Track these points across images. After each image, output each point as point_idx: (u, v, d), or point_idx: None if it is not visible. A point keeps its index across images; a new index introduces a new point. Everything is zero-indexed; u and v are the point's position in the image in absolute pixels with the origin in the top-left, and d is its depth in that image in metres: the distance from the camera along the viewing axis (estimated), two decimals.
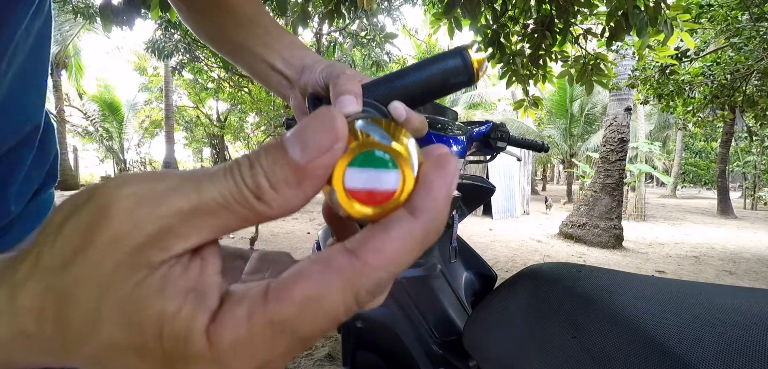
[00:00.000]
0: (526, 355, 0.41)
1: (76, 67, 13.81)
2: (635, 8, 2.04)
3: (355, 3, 2.48)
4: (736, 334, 0.28)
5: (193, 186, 0.12)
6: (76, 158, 13.26)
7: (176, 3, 0.45)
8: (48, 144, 0.41)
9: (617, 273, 0.44)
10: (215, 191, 0.12)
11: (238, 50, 0.41)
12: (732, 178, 20.57)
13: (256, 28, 0.40)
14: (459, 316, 0.84)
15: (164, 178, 0.12)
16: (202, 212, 0.12)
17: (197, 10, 0.44)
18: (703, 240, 6.76)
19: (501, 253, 4.90)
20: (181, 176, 0.12)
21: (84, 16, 6.49)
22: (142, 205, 0.11)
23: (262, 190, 0.12)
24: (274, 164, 0.12)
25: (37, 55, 0.36)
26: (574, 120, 14.88)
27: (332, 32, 7.86)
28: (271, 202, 0.12)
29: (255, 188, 0.12)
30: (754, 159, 15.71)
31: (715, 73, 5.30)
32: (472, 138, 0.89)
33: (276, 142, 0.12)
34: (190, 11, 0.44)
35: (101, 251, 0.11)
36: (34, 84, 0.37)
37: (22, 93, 0.35)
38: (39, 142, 0.39)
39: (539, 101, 3.12)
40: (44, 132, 0.40)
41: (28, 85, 0.36)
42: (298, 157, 0.12)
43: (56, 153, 0.43)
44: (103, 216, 0.11)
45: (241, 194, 0.12)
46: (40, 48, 0.36)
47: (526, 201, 9.67)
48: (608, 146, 6.04)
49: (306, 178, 0.12)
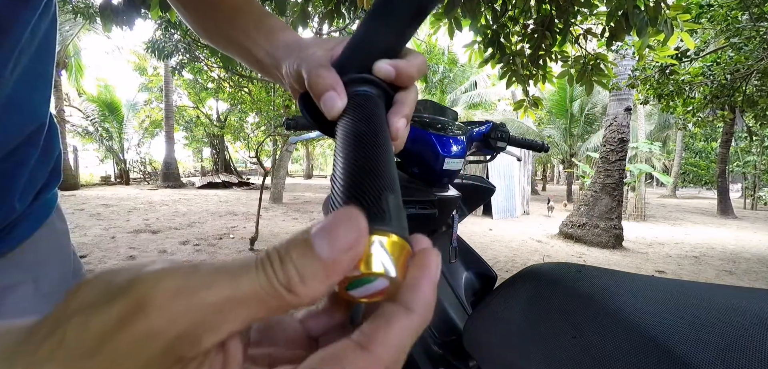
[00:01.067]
0: (526, 355, 0.41)
1: (76, 67, 13.81)
2: (635, 8, 2.04)
3: (355, 3, 2.48)
4: (736, 334, 0.28)
5: (226, 279, 0.12)
6: (76, 158, 13.24)
7: (174, 2, 0.45)
8: (52, 143, 0.41)
9: (617, 273, 0.44)
10: (248, 284, 0.12)
11: (231, 45, 0.41)
12: (732, 178, 20.55)
13: (241, 20, 0.39)
14: (459, 316, 0.84)
15: (198, 271, 0.12)
16: (235, 304, 0.12)
17: (192, 8, 0.43)
18: (703, 240, 6.76)
19: (501, 253, 4.90)
20: (214, 269, 0.13)
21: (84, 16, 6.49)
22: (178, 299, 0.12)
23: (293, 283, 0.13)
24: (303, 259, 0.13)
25: (42, 55, 0.36)
26: (574, 120, 14.88)
27: (332, 32, 7.86)
28: (300, 294, 0.13)
29: (286, 282, 0.13)
30: (754, 159, 15.71)
31: (715, 73, 5.30)
32: (472, 138, 0.89)
33: (303, 237, 0.13)
34: (187, 10, 0.44)
35: (134, 344, 0.11)
36: (39, 83, 0.37)
37: (28, 92, 0.35)
38: (43, 141, 0.39)
39: (539, 101, 3.12)
40: (48, 131, 0.40)
41: (34, 84, 0.36)
42: (326, 254, 0.13)
43: (60, 152, 0.44)
44: (140, 309, 0.11)
45: (272, 287, 0.13)
46: (46, 48, 0.37)
47: (526, 201, 9.67)
48: (608, 146, 6.04)
49: (333, 273, 0.13)
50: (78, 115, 15.14)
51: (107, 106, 15.11)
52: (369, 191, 0.18)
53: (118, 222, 5.74)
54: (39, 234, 0.41)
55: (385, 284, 0.15)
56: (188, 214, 6.88)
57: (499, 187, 8.32)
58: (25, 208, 0.38)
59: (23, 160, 0.36)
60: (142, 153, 17.02)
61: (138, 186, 13.42)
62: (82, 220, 5.78)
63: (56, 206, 0.45)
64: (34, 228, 0.41)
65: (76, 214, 6.32)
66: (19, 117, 0.34)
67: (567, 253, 5.15)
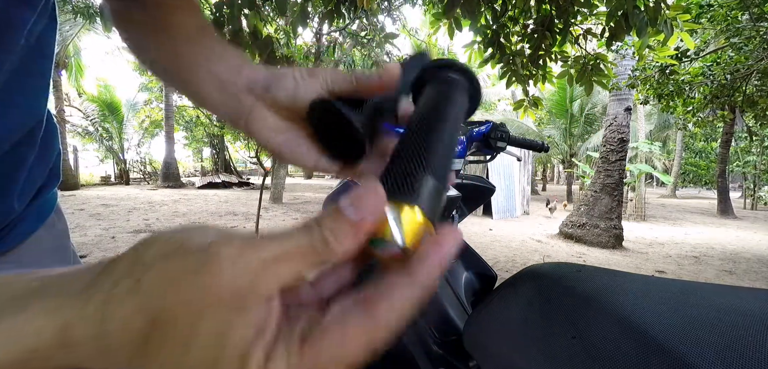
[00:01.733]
0: (526, 355, 0.41)
1: (76, 67, 13.81)
2: (635, 8, 2.04)
3: (355, 3, 2.48)
4: (736, 334, 0.28)
5: (277, 241, 0.16)
6: (76, 158, 13.25)
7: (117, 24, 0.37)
8: (50, 143, 0.41)
9: (617, 273, 0.44)
10: (293, 243, 0.16)
11: (180, 79, 0.34)
12: (732, 178, 20.57)
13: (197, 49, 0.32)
14: (459, 316, 0.84)
15: (254, 237, 0.16)
16: (284, 259, 0.15)
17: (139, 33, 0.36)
18: (703, 240, 6.76)
19: (501, 253, 4.91)
20: (267, 236, 0.16)
21: (84, 16, 6.49)
22: (242, 254, 0.15)
23: (329, 240, 0.16)
24: (335, 222, 0.16)
25: (40, 56, 0.36)
26: (574, 120, 14.87)
27: (332, 32, 7.86)
28: (334, 248, 0.16)
29: (323, 240, 0.16)
30: (754, 159, 15.71)
31: (715, 73, 5.29)
32: (472, 138, 0.89)
33: (334, 207, 0.17)
34: (128, 33, 0.37)
35: (205, 289, 0.14)
36: (36, 84, 0.37)
37: (24, 92, 0.35)
38: (41, 141, 0.39)
39: (539, 101, 3.12)
40: (46, 131, 0.40)
41: (31, 84, 0.36)
42: (353, 216, 0.16)
43: (59, 152, 0.44)
44: (213, 260, 0.14)
45: (312, 245, 0.16)
46: (44, 48, 0.37)
47: (526, 201, 9.67)
48: (608, 146, 6.04)
49: (359, 231, 0.16)
50: (78, 115, 15.14)
51: (107, 106, 15.11)
52: (409, 170, 0.20)
53: (118, 222, 5.74)
54: (39, 233, 0.41)
55: (396, 249, 0.17)
56: (188, 214, 6.88)
57: (499, 187, 8.32)
58: (25, 207, 0.38)
59: (20, 160, 0.36)
60: (142, 153, 17.03)
61: (138, 186, 13.42)
62: (82, 220, 5.78)
63: (56, 206, 0.45)
64: (34, 227, 0.41)
65: (76, 214, 6.32)
66: (15, 116, 0.34)
67: (567, 253, 5.15)
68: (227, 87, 0.31)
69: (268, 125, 0.30)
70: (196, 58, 0.32)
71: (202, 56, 0.32)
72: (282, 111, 0.29)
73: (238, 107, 0.31)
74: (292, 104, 0.29)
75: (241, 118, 0.31)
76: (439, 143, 0.22)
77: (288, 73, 0.29)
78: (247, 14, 2.15)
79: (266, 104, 0.30)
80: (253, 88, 0.30)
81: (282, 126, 0.30)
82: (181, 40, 0.33)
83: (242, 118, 0.30)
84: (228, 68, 0.31)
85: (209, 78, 0.31)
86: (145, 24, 0.35)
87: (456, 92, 0.27)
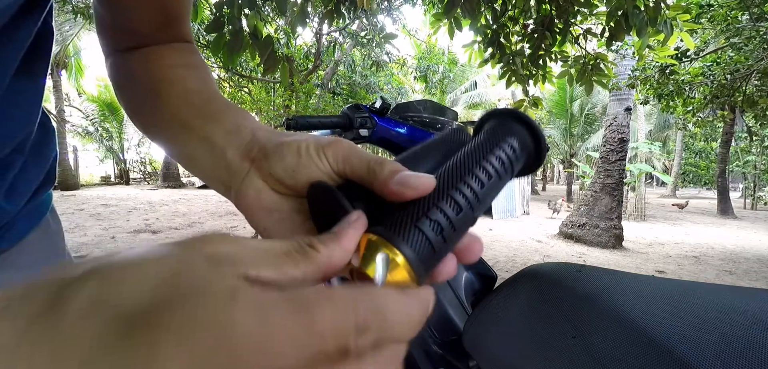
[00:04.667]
0: (526, 355, 0.41)
1: (76, 67, 13.81)
2: (635, 8, 2.04)
3: (355, 3, 2.48)
4: (736, 334, 0.28)
5: (269, 242, 0.17)
6: (76, 158, 13.26)
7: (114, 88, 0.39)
8: (47, 146, 0.41)
9: (617, 273, 0.44)
10: (280, 246, 0.17)
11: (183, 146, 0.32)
12: (732, 178, 20.56)
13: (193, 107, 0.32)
14: (459, 316, 0.84)
15: (248, 239, 0.17)
16: (271, 254, 0.17)
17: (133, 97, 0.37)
18: (703, 240, 6.76)
19: (501, 253, 4.91)
20: (262, 240, 0.18)
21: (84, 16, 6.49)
22: (236, 244, 0.16)
23: (314, 242, 0.18)
24: (322, 236, 0.19)
25: (29, 71, 0.36)
26: (574, 120, 14.88)
27: (332, 32, 7.86)
28: (319, 250, 0.18)
29: (308, 241, 0.18)
30: (754, 159, 15.70)
31: (715, 73, 5.30)
32: None
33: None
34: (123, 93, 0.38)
35: (208, 263, 0.15)
36: (25, 98, 0.36)
37: (14, 106, 0.35)
38: (35, 146, 0.39)
39: (539, 101, 3.12)
40: (44, 134, 0.40)
41: (19, 98, 0.36)
42: (336, 229, 0.19)
43: (56, 155, 0.44)
44: (219, 242, 0.16)
45: (299, 245, 0.18)
46: (34, 61, 0.36)
47: (526, 201, 9.68)
48: (608, 146, 6.04)
49: (342, 239, 0.19)
50: (78, 115, 15.14)
51: (107, 106, 15.10)
52: (418, 215, 0.20)
53: (118, 222, 5.75)
54: (34, 235, 0.41)
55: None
56: (188, 214, 6.89)
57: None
58: (20, 209, 0.38)
59: (9, 165, 0.36)
60: (142, 153, 17.02)
61: (138, 186, 13.43)
62: (82, 220, 5.78)
63: (51, 207, 0.46)
64: (29, 229, 0.41)
65: (76, 214, 6.32)
66: (4, 131, 0.34)
67: (567, 253, 5.15)
68: (218, 151, 0.28)
69: (260, 201, 0.26)
70: (192, 121, 0.30)
71: (199, 118, 0.30)
72: (278, 185, 0.26)
73: (228, 177, 0.28)
74: (291, 181, 0.25)
75: (232, 189, 0.28)
76: (461, 195, 0.21)
77: (292, 146, 0.26)
78: (247, 14, 2.15)
79: (262, 174, 0.26)
80: (249, 152, 0.27)
81: (275, 202, 0.26)
82: (179, 102, 0.32)
83: (233, 188, 0.28)
84: (224, 132, 0.29)
85: (200, 142, 0.29)
86: (144, 82, 0.35)
87: (508, 139, 0.24)
